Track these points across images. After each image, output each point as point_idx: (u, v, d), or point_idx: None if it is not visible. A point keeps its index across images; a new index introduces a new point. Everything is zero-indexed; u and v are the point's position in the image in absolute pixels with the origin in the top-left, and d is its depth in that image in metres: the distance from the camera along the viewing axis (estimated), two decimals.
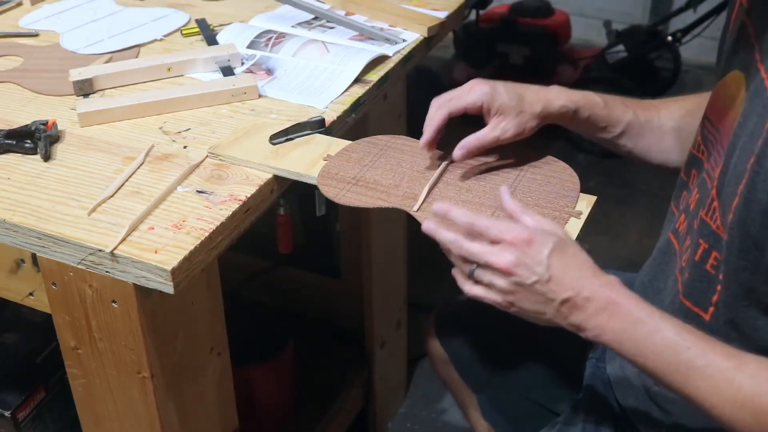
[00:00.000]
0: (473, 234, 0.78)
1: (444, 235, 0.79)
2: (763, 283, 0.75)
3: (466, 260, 0.78)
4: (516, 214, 0.81)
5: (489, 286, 0.78)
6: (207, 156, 0.97)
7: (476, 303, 1.31)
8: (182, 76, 1.17)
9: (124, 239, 0.82)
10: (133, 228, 0.84)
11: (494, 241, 0.77)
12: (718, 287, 0.80)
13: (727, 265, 0.78)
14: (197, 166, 0.95)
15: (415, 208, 0.88)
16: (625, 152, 1.05)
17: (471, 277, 0.79)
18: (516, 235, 0.76)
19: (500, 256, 0.76)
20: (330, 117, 1.05)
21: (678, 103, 1.04)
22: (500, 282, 0.77)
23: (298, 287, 1.75)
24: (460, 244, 0.78)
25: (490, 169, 0.94)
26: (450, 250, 0.79)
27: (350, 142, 1.00)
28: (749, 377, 0.70)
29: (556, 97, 0.97)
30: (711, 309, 0.82)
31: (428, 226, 0.80)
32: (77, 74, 1.12)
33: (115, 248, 0.81)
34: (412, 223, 0.89)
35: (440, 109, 0.96)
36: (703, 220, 0.82)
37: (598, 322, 0.75)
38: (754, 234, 0.73)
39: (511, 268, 0.75)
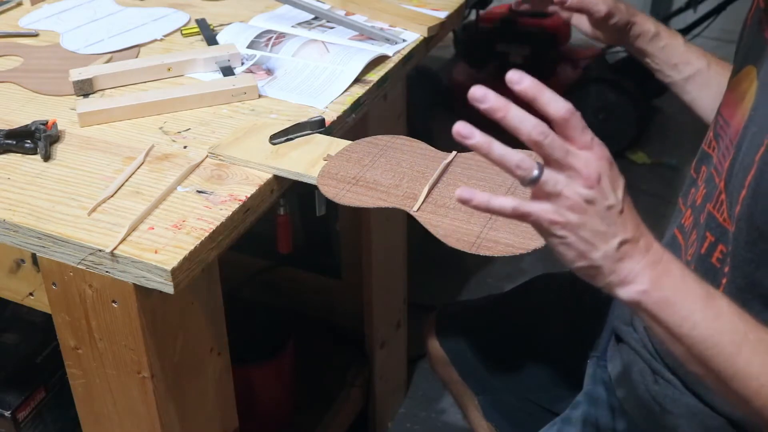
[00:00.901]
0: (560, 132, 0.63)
1: (519, 113, 0.60)
2: (765, 278, 0.75)
3: (529, 157, 0.62)
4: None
5: (554, 196, 0.63)
6: (207, 156, 0.97)
7: (476, 303, 1.32)
8: (182, 76, 1.17)
9: (124, 239, 0.82)
10: (133, 228, 0.84)
11: (581, 147, 0.63)
12: (723, 280, 0.80)
13: (733, 258, 0.78)
14: (197, 166, 0.95)
15: (415, 208, 0.87)
16: (689, 100, 1.07)
17: (532, 182, 0.62)
18: (603, 150, 0.64)
19: (587, 164, 0.62)
20: (330, 117, 1.05)
21: None
22: (574, 193, 0.62)
23: (298, 287, 1.75)
24: (547, 131, 0.61)
25: (490, 169, 0.94)
26: (526, 132, 0.60)
27: (350, 142, 1.00)
28: None
29: (641, 14, 1.04)
30: None
31: (486, 96, 0.60)
32: (77, 74, 1.12)
33: (115, 248, 0.81)
34: (412, 223, 0.89)
35: None
36: (710, 213, 0.82)
37: (652, 276, 0.65)
38: (761, 226, 0.73)
39: (596, 180, 0.62)
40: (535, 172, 0.61)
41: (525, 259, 2.18)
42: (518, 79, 0.60)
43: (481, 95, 0.59)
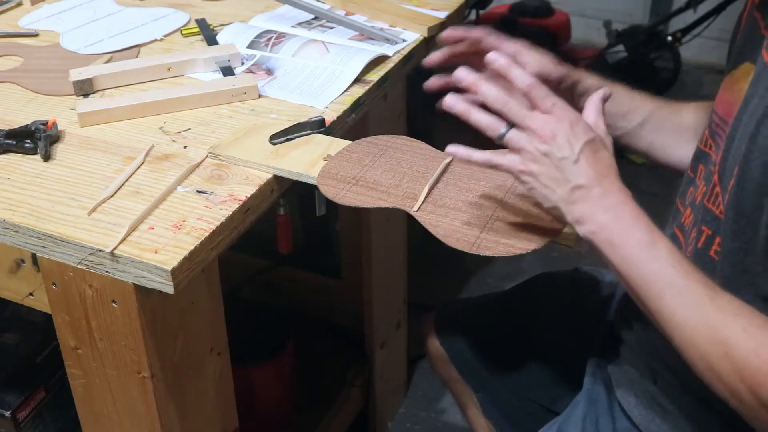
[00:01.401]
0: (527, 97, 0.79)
1: (486, 87, 0.78)
2: (756, 265, 0.75)
3: (498, 120, 0.78)
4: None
5: (518, 150, 0.78)
6: (207, 156, 0.97)
7: (476, 301, 1.31)
8: (182, 76, 1.17)
9: (124, 239, 0.82)
10: (133, 228, 0.84)
11: (543, 111, 0.77)
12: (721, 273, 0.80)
13: (723, 247, 0.79)
14: (197, 166, 0.95)
15: (415, 208, 0.88)
16: (645, 147, 1.05)
17: (500, 138, 0.78)
18: (566, 113, 0.77)
19: (544, 124, 0.77)
20: (330, 117, 1.05)
21: (698, 104, 1.05)
22: (533, 147, 0.77)
23: (298, 287, 1.75)
24: (506, 100, 0.78)
25: (490, 170, 0.94)
26: (491, 102, 0.78)
27: (350, 142, 1.00)
28: (717, 309, 0.71)
29: (580, 70, 1.02)
30: None
31: (466, 75, 0.79)
32: (77, 74, 1.12)
33: (115, 248, 0.81)
34: (412, 223, 0.89)
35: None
36: (706, 207, 0.83)
37: (600, 220, 0.76)
38: (747, 213, 0.74)
39: (550, 137, 0.76)
40: (502, 131, 0.78)
41: (525, 259, 2.18)
42: (494, 59, 0.79)
43: (459, 77, 0.80)
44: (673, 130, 1.03)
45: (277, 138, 0.99)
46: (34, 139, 0.97)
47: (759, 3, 0.85)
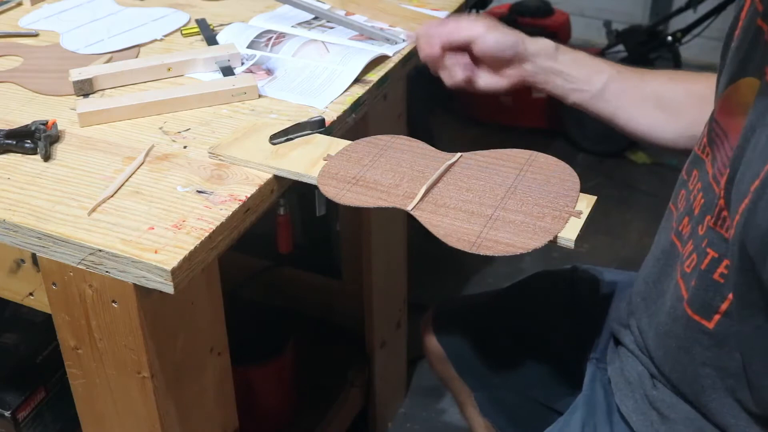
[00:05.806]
0: None
1: None
2: (761, 300, 0.74)
3: None
4: None
5: None
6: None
7: (474, 299, 1.32)
8: (182, 76, 1.17)
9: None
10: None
11: None
12: (730, 295, 0.78)
13: (731, 276, 0.77)
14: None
15: (410, 206, 0.87)
16: (611, 112, 1.04)
17: None
18: None
19: None
20: (330, 117, 1.05)
21: (668, 73, 1.05)
22: None
23: (298, 287, 1.75)
24: None
25: (490, 169, 0.95)
26: None
27: (350, 142, 1.00)
28: None
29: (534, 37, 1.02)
30: (717, 317, 0.80)
31: None
32: (77, 74, 1.12)
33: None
34: (412, 223, 0.89)
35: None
36: (712, 229, 0.80)
37: None
38: (751, 255, 0.72)
39: None
40: None
41: (525, 259, 2.18)
42: None
43: None
44: (635, 97, 1.01)
45: (277, 138, 0.99)
46: (34, 139, 0.97)
47: (762, 12, 0.81)
